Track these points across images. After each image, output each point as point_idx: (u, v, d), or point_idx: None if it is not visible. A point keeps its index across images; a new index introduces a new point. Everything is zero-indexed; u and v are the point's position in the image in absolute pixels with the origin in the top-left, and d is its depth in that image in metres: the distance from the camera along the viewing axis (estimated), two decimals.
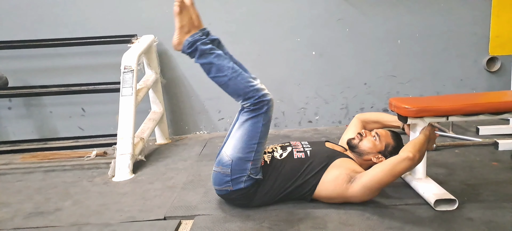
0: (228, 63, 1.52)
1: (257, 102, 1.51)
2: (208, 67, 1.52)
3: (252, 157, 1.54)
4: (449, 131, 2.57)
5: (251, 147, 1.54)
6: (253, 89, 1.51)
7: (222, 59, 1.52)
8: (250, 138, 1.53)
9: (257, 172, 1.57)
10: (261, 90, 1.53)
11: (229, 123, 2.95)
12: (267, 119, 1.55)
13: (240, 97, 1.53)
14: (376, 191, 1.54)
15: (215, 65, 1.51)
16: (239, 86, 1.51)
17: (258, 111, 1.52)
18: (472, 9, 2.87)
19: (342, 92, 2.95)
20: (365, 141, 1.70)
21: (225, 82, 1.52)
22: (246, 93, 1.51)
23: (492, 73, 2.97)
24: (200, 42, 1.51)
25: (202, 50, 1.50)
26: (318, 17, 2.83)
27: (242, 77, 1.52)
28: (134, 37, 2.59)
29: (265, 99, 1.52)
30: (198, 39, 1.51)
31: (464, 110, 1.61)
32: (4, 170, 2.34)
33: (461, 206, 1.56)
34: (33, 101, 2.88)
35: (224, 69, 1.51)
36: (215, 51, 1.52)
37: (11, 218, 1.68)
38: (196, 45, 1.50)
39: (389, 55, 2.91)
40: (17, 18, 2.76)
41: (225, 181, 1.57)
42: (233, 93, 1.54)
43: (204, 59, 1.51)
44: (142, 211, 1.68)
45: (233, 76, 1.51)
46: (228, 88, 1.54)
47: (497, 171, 1.94)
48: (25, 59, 2.80)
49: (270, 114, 1.56)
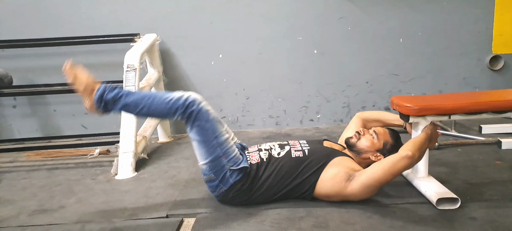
0: (139, 95, 1.57)
1: (184, 110, 1.54)
2: (127, 108, 1.56)
3: (221, 153, 1.56)
4: (451, 130, 2.56)
5: (213, 146, 1.56)
6: (173, 102, 1.54)
7: (133, 95, 1.56)
8: (205, 140, 1.56)
9: (236, 162, 1.58)
10: (180, 98, 1.54)
11: (231, 121, 2.96)
12: (205, 115, 1.55)
13: (170, 116, 1.56)
14: (375, 189, 1.54)
15: (130, 104, 1.55)
16: (160, 108, 1.54)
17: (192, 116, 1.54)
18: (475, 7, 2.86)
19: (344, 90, 2.95)
20: (363, 139, 1.70)
21: (148, 112, 1.57)
22: (170, 110, 1.54)
23: (495, 72, 2.95)
24: (106, 94, 1.54)
25: (112, 98, 1.54)
26: (320, 15, 2.83)
27: (158, 98, 1.55)
28: (136, 36, 2.60)
29: (188, 102, 1.54)
30: (102, 92, 1.55)
31: (467, 109, 1.60)
32: (9, 168, 2.36)
33: (464, 205, 1.56)
34: (37, 99, 2.90)
35: (139, 102, 1.55)
36: (122, 92, 1.56)
37: (16, 216, 1.70)
38: (104, 99, 1.54)
39: (391, 54, 2.91)
40: (22, 18, 2.78)
41: (216, 185, 1.61)
42: (163, 117, 1.58)
43: (119, 105, 1.55)
44: (145, 209, 1.69)
45: (148, 103, 1.54)
46: (155, 115, 1.59)
47: (500, 170, 1.93)
48: (29, 58, 2.82)
49: (205, 109, 1.56)
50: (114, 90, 1.55)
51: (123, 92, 1.55)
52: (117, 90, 1.56)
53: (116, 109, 1.57)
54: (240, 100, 2.93)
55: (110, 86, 1.56)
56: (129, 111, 1.58)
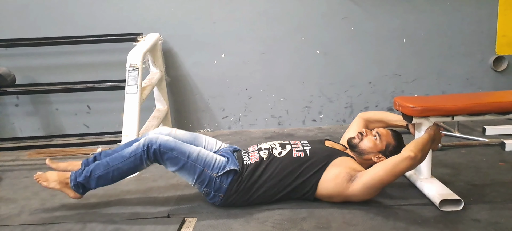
0: (103, 163, 1.63)
1: (148, 154, 1.59)
2: (103, 181, 1.63)
3: (201, 167, 1.59)
4: (455, 131, 2.55)
5: (191, 166, 1.59)
6: (134, 155, 1.59)
7: (99, 166, 1.62)
8: (182, 166, 1.59)
9: (221, 167, 1.60)
10: (138, 147, 1.60)
11: (233, 121, 2.96)
12: (167, 146, 1.58)
13: (141, 166, 1.62)
14: (377, 190, 1.54)
15: (101, 176, 1.62)
16: (127, 166, 1.61)
17: (157, 154, 1.58)
18: (479, 8, 2.84)
19: (347, 91, 2.94)
20: (366, 140, 1.69)
21: (120, 175, 1.63)
22: (136, 161, 1.60)
23: (499, 73, 2.94)
24: (77, 177, 1.62)
25: (85, 178, 1.61)
26: (322, 15, 2.82)
27: (120, 158, 1.61)
28: (139, 35, 2.59)
29: (146, 146, 1.58)
30: (74, 178, 1.62)
31: (470, 110, 1.60)
32: (11, 166, 2.37)
33: (467, 206, 1.55)
34: (39, 98, 2.90)
35: (107, 170, 1.61)
36: (90, 168, 1.63)
37: (18, 214, 1.70)
38: (79, 183, 1.62)
39: (394, 54, 2.89)
40: (25, 17, 2.78)
41: (213, 195, 1.62)
42: (136, 170, 1.64)
43: (93, 181, 1.62)
44: (146, 208, 1.69)
45: (115, 166, 1.61)
46: (129, 174, 1.65)
47: (504, 171, 1.92)
48: (32, 57, 2.83)
49: (164, 141, 1.59)
50: (82, 173, 1.62)
51: (91, 169, 1.62)
52: (85, 170, 1.63)
53: (94, 187, 1.64)
54: (243, 100, 2.93)
55: (78, 171, 1.64)
56: (106, 182, 1.64)
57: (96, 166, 1.63)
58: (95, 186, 1.64)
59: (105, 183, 1.64)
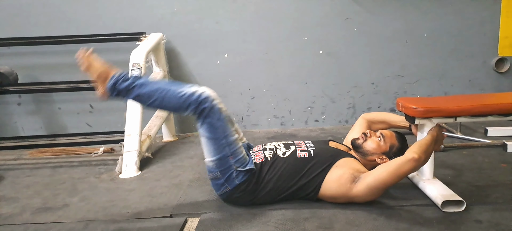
0: (153, 87, 1.54)
1: (197, 106, 1.51)
2: (139, 99, 1.55)
3: (229, 152, 1.55)
4: (457, 132, 2.54)
5: (222, 145, 1.54)
6: (186, 97, 1.51)
7: (147, 86, 1.54)
8: (215, 138, 1.54)
9: (243, 163, 1.57)
10: (193, 93, 1.52)
11: (236, 121, 2.90)
12: (217, 113, 1.54)
13: (182, 110, 1.54)
14: (381, 191, 1.54)
15: (142, 95, 1.53)
16: (172, 101, 1.53)
17: (204, 113, 1.52)
18: (481, 10, 2.84)
19: (349, 91, 2.94)
20: (370, 141, 1.69)
21: (160, 105, 1.56)
22: (183, 104, 1.52)
23: (501, 74, 2.94)
24: (120, 83, 1.53)
25: (126, 88, 1.53)
26: (325, 16, 2.82)
27: (171, 92, 1.53)
28: (142, 35, 2.60)
29: (202, 98, 1.52)
30: (115, 81, 1.53)
31: (473, 111, 1.59)
32: (13, 165, 2.37)
33: (469, 207, 1.55)
34: (42, 97, 2.91)
35: (152, 94, 1.53)
36: (137, 82, 1.54)
37: (20, 213, 1.70)
38: (117, 88, 1.53)
39: (397, 55, 2.89)
40: (28, 16, 2.79)
41: (221, 184, 1.59)
42: (175, 111, 1.58)
43: (132, 95, 1.54)
44: (149, 208, 1.69)
45: (161, 96, 1.53)
46: (166, 108, 1.58)
47: (506, 172, 1.92)
48: (35, 56, 2.83)
49: (217, 106, 1.54)
50: (127, 80, 1.53)
51: (137, 83, 1.53)
52: (131, 80, 1.54)
53: (129, 97, 1.55)
54: (245, 100, 2.93)
55: (124, 76, 1.54)
56: (141, 102, 1.57)
57: (143, 84, 1.53)
58: (131, 98, 1.55)
59: (141, 102, 1.56)
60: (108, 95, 1.56)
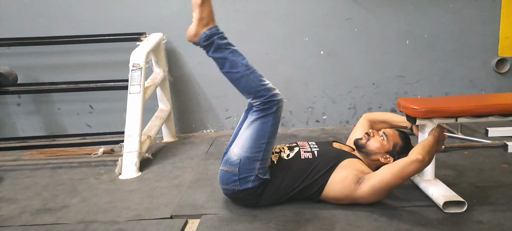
0: (242, 60, 1.53)
1: (267, 101, 1.51)
2: (222, 62, 1.53)
3: (260, 157, 1.54)
4: (458, 132, 2.54)
5: (260, 147, 1.53)
6: (265, 88, 1.52)
7: (237, 56, 1.53)
8: (259, 137, 1.53)
9: (265, 172, 1.57)
10: (272, 90, 1.53)
11: (236, 121, 2.95)
12: (276, 119, 1.54)
13: (251, 95, 1.53)
14: (385, 192, 1.53)
15: (229, 60, 1.52)
16: (251, 84, 1.51)
17: (268, 111, 1.52)
18: (482, 10, 2.84)
19: (350, 92, 2.93)
20: (373, 140, 1.69)
21: (238, 79, 1.53)
22: (257, 91, 1.51)
23: (502, 75, 2.93)
24: (217, 37, 1.52)
25: (219, 44, 1.52)
26: (326, 16, 2.82)
27: (255, 75, 1.53)
28: (143, 35, 2.59)
29: (276, 99, 1.52)
30: (215, 33, 1.53)
31: (474, 111, 1.59)
32: (13, 166, 2.36)
33: (471, 208, 1.54)
34: (41, 98, 2.90)
35: (238, 65, 1.51)
36: (231, 47, 1.54)
37: (19, 215, 1.70)
38: (213, 39, 1.52)
39: (397, 56, 2.89)
40: (28, 16, 2.78)
41: (232, 180, 1.57)
42: (244, 91, 1.54)
43: (220, 54, 1.52)
44: (149, 209, 1.68)
45: (246, 73, 1.51)
46: (239, 85, 1.54)
47: (507, 173, 1.91)
48: (34, 56, 2.83)
49: (280, 115, 1.56)
50: (224, 39, 1.53)
51: (230, 48, 1.53)
52: (226, 41, 1.53)
53: (214, 55, 1.53)
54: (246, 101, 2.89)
55: (221, 34, 1.54)
56: (222, 65, 1.53)
57: (236, 52, 1.52)
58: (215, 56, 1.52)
59: (222, 64, 1.53)
60: (198, 40, 1.54)
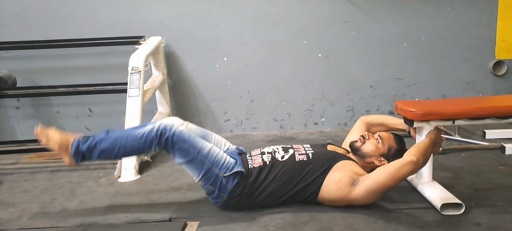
0: (113, 138, 1.58)
1: (159, 140, 1.56)
2: (104, 155, 1.59)
3: (210, 164, 1.57)
4: (455, 134, 2.55)
5: (200, 161, 1.57)
6: (146, 136, 1.56)
7: (107, 140, 1.58)
8: (191, 159, 1.57)
9: (229, 168, 1.59)
10: (152, 130, 1.57)
11: (235, 124, 2.96)
12: (181, 137, 1.57)
13: (148, 150, 1.59)
14: (380, 194, 1.54)
15: (105, 150, 1.57)
16: (135, 145, 1.57)
17: (169, 143, 1.56)
18: (478, 13, 2.86)
19: (348, 94, 2.95)
20: (368, 143, 1.70)
21: (124, 153, 1.60)
22: (145, 144, 1.56)
23: (499, 77, 2.95)
24: (80, 146, 1.57)
25: (87, 148, 1.56)
26: (324, 19, 2.83)
27: (131, 137, 1.57)
28: (141, 38, 2.60)
29: (160, 132, 1.56)
30: (77, 144, 1.57)
31: (471, 114, 1.61)
32: (11, 170, 2.36)
33: (468, 210, 1.55)
34: (41, 101, 2.90)
35: (113, 145, 1.57)
36: (96, 139, 1.58)
37: (17, 218, 1.69)
38: (79, 151, 1.57)
39: (395, 58, 2.90)
40: (27, 19, 2.79)
41: (216, 195, 1.61)
42: (141, 153, 1.63)
43: (96, 153, 1.57)
44: (148, 212, 1.69)
45: (123, 144, 1.57)
46: (133, 154, 1.63)
47: (504, 175, 1.92)
48: (33, 60, 2.83)
49: (179, 131, 1.57)
50: (87, 141, 1.58)
51: (96, 140, 1.58)
52: (90, 139, 1.58)
53: (94, 158, 1.60)
54: (245, 103, 2.94)
55: (83, 139, 1.59)
56: (107, 157, 1.61)
57: (103, 139, 1.58)
58: (96, 158, 1.59)
59: (107, 157, 1.61)
60: (74, 162, 1.59)
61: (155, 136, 1.55)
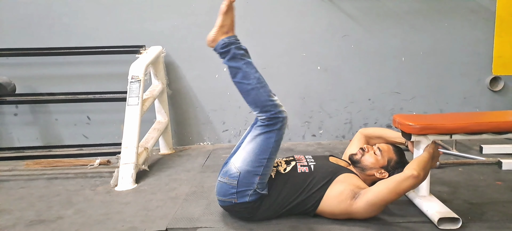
0: (255, 73, 1.56)
1: (273, 117, 1.53)
2: (235, 71, 1.55)
3: (260, 171, 1.55)
4: (452, 149, 2.56)
5: (261, 162, 1.54)
6: (272, 104, 1.54)
7: (251, 68, 1.55)
8: (261, 152, 1.54)
9: (264, 187, 1.57)
10: (279, 106, 1.55)
11: (233, 134, 2.96)
12: (280, 135, 1.56)
13: (258, 109, 1.55)
14: (381, 208, 1.54)
15: (242, 71, 1.54)
16: (260, 98, 1.53)
17: (272, 127, 1.54)
18: (475, 30, 2.90)
19: (346, 107, 2.96)
20: (368, 156, 1.70)
21: (248, 91, 1.55)
22: (264, 106, 1.53)
23: (495, 93, 2.98)
24: (235, 46, 1.56)
25: (235, 54, 1.55)
26: (323, 33, 2.86)
27: (265, 90, 1.55)
28: (142, 48, 2.62)
29: (281, 116, 1.54)
30: (234, 42, 1.56)
31: (468, 129, 1.62)
32: (8, 177, 2.35)
33: (465, 225, 1.55)
34: (39, 108, 2.90)
35: (250, 77, 1.54)
36: (246, 58, 1.57)
37: (13, 226, 1.68)
38: (230, 47, 1.55)
39: (393, 72, 2.93)
40: (27, 27, 2.81)
41: (230, 192, 1.57)
42: (252, 103, 1.55)
43: (235, 63, 1.55)
44: (144, 221, 1.68)
45: (257, 86, 1.53)
46: (248, 97, 1.56)
47: (501, 190, 1.93)
48: (33, 67, 2.84)
49: (283, 132, 1.57)
50: (240, 50, 1.55)
51: (246, 59, 1.55)
52: (242, 52, 1.55)
53: (229, 63, 1.55)
54: (243, 114, 2.94)
55: (239, 44, 1.57)
56: (235, 74, 1.54)
57: (250, 63, 1.55)
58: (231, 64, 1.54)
59: (235, 74, 1.54)
60: (216, 46, 1.57)
61: (278, 111, 1.52)
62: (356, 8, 2.84)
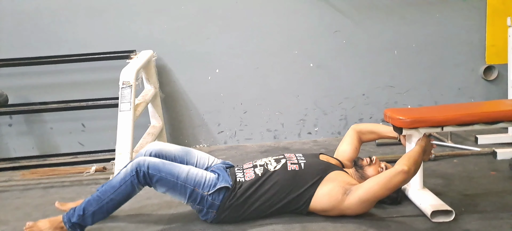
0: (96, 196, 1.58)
1: (138, 178, 1.57)
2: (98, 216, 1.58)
3: (191, 186, 1.58)
4: (447, 141, 2.56)
5: (181, 185, 1.58)
6: (125, 181, 1.57)
7: (92, 201, 1.58)
8: (172, 187, 1.58)
9: (212, 185, 1.59)
10: (126, 173, 1.58)
11: (229, 135, 2.96)
12: (156, 168, 1.57)
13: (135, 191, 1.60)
14: (372, 203, 1.55)
15: (96, 210, 1.57)
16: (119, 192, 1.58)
17: (147, 177, 1.57)
18: (467, 19, 2.89)
19: (341, 103, 2.96)
20: (373, 168, 1.70)
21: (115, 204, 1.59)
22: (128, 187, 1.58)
23: (490, 82, 2.97)
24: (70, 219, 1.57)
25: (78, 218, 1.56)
26: (315, 29, 2.86)
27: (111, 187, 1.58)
28: (132, 52, 2.62)
29: (135, 171, 1.56)
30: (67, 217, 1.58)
31: (459, 120, 1.62)
32: (3, 187, 2.35)
33: (458, 217, 1.55)
34: (33, 118, 2.90)
35: (100, 202, 1.57)
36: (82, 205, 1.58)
37: None
38: (74, 224, 1.57)
39: (386, 66, 2.92)
40: (18, 36, 2.80)
41: (205, 212, 1.61)
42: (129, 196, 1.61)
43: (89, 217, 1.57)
44: (139, 226, 1.68)
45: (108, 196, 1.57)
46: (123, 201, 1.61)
47: (495, 180, 1.93)
48: (25, 77, 2.84)
49: (152, 163, 1.58)
50: (75, 211, 1.57)
51: (82, 206, 1.58)
52: (77, 208, 1.58)
53: (91, 223, 1.59)
54: (238, 115, 2.94)
55: (70, 211, 1.59)
56: (102, 216, 1.60)
57: (88, 203, 1.58)
58: (92, 222, 1.59)
59: (101, 217, 1.59)
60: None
61: (132, 177, 1.56)
62: (346, 2, 2.83)
